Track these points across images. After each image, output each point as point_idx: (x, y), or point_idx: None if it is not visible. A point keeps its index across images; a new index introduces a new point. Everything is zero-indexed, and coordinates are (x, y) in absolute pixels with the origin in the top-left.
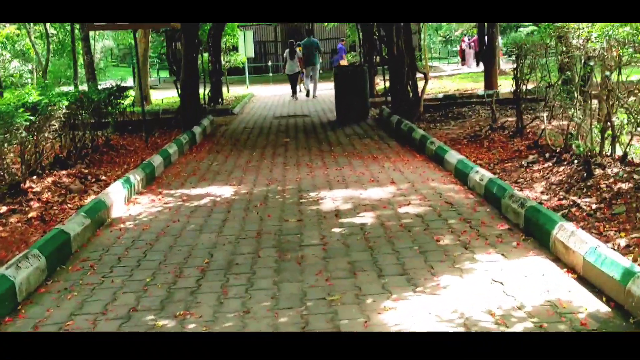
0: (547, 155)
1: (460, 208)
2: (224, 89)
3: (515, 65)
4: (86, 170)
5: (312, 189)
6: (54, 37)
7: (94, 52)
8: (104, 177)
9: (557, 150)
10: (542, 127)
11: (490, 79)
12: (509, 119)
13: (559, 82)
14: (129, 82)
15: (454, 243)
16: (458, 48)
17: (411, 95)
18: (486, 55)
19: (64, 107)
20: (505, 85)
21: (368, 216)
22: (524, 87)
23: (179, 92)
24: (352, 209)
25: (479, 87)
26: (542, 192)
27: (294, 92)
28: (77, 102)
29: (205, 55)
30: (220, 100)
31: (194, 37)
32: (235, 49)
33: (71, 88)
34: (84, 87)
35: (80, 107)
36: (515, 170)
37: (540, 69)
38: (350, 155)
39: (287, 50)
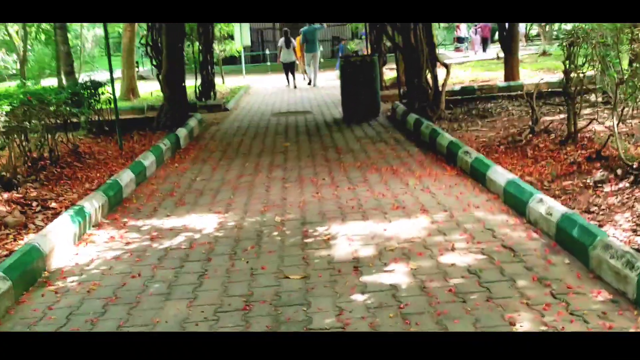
0: (618, 171)
1: (526, 257)
2: (219, 80)
3: (566, 55)
4: (34, 193)
5: (319, 220)
6: (33, 27)
7: (84, 41)
8: (54, 204)
9: (634, 166)
10: (597, 130)
11: (511, 69)
12: (547, 118)
13: (636, 79)
14: (117, 73)
15: (538, 328)
16: (455, 34)
17: (431, 90)
18: (506, 42)
19: (3, 113)
20: (526, 76)
21: (400, 271)
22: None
23: (162, 88)
24: (376, 257)
25: (496, 78)
26: (633, 231)
27: (289, 80)
28: (24, 106)
29: (197, 44)
30: (212, 94)
31: (177, 23)
32: (230, 37)
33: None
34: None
35: (29, 112)
36: (580, 193)
37: (600, 59)
38: (364, 167)
39: (282, 39)
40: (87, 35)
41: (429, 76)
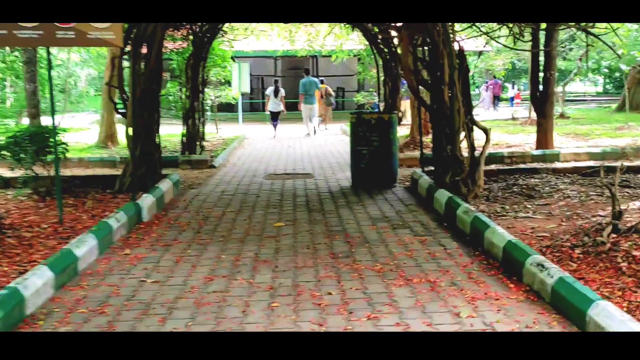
0: None
1: None
2: (213, 129)
3: None
4: None
5: None
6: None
7: (77, 80)
8: None
9: None
10: None
11: (544, 135)
12: (626, 205)
13: None
14: (98, 116)
15: None
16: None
17: (467, 160)
18: (540, 103)
19: None
20: (561, 143)
21: None
22: None
23: (127, 142)
24: None
25: (521, 142)
26: None
27: (276, 129)
28: None
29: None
30: (199, 147)
31: (150, 56)
32: (228, 82)
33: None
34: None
35: None
36: None
37: None
38: (386, 273)
39: (270, 88)
40: (80, 73)
41: (462, 142)
